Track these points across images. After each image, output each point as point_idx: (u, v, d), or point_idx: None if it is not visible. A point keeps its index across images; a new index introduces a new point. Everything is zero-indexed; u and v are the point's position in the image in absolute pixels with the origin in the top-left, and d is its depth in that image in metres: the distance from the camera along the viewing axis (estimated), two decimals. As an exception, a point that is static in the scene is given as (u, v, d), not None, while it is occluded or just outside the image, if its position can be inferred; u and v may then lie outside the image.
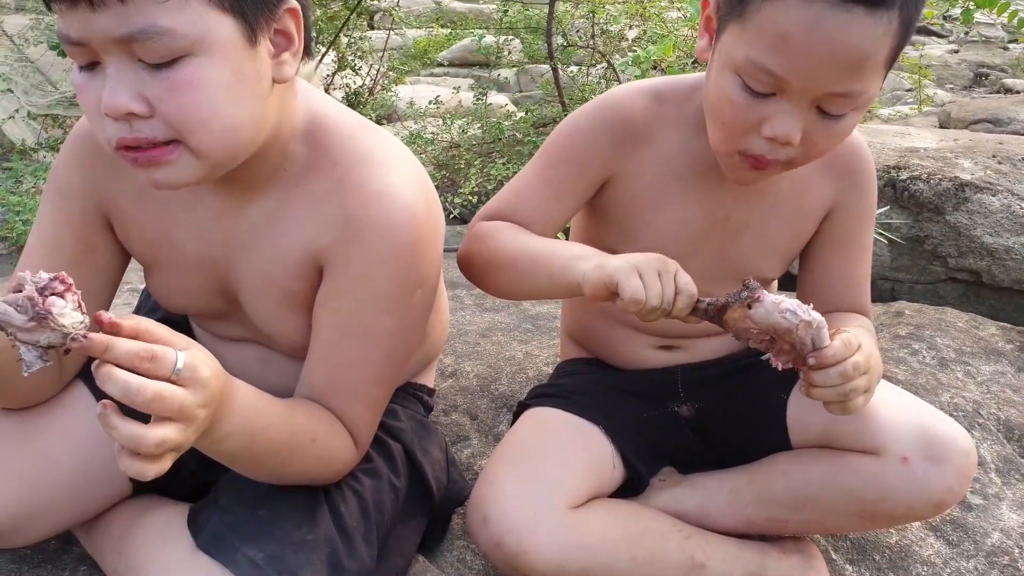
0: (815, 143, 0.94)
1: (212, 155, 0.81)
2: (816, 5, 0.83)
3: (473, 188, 3.53)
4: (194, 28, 0.75)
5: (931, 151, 2.96)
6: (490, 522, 0.99)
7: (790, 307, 0.86)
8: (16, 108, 4.08)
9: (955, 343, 1.80)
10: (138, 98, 0.75)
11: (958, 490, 1.02)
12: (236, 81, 0.79)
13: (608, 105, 1.11)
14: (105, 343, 0.66)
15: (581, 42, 4.17)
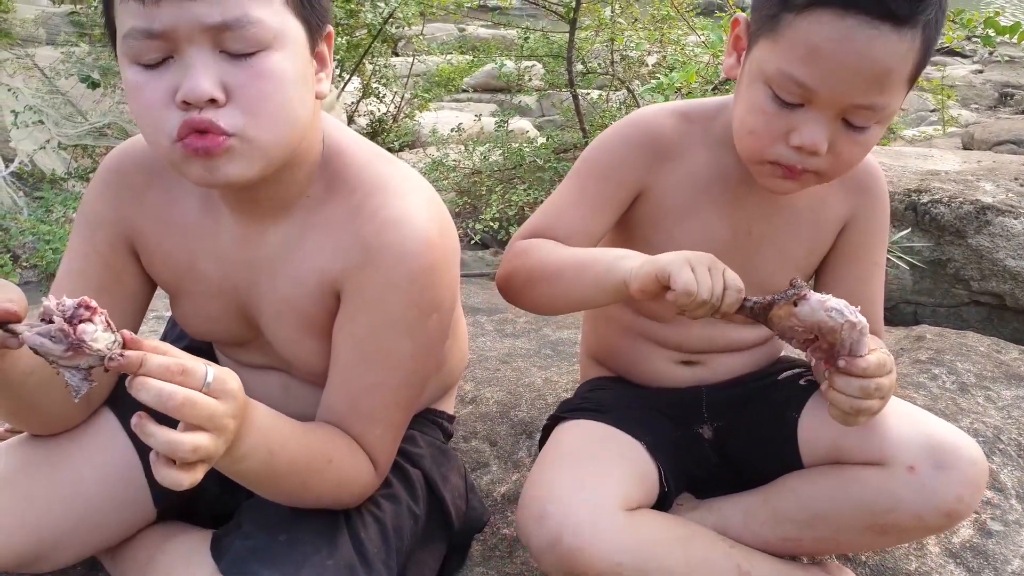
0: (840, 154, 0.98)
1: (268, 147, 0.84)
2: (847, 21, 0.89)
3: (494, 214, 3.56)
4: (277, 23, 0.82)
5: (952, 174, 2.94)
6: (549, 519, 0.99)
7: (836, 306, 0.88)
8: (47, 139, 4.18)
9: (976, 368, 1.79)
10: (220, 85, 0.80)
11: (968, 500, 1.02)
12: (302, 80, 0.86)
13: (637, 123, 1.16)
14: (140, 359, 0.70)
15: (601, 69, 4.20)
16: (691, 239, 1.14)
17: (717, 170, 1.13)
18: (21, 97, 4.11)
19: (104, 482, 1.03)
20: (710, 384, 1.25)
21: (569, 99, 4.04)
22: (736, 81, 1.05)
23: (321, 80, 0.91)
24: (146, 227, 1.02)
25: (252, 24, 0.79)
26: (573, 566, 0.98)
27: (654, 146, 1.13)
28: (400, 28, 4.75)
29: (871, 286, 1.21)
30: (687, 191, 1.14)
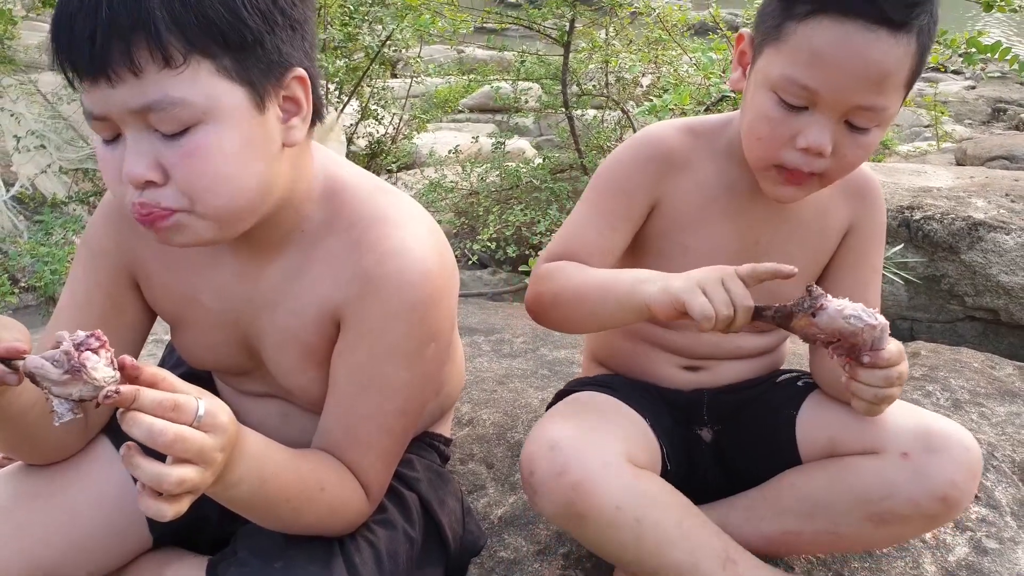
0: (844, 155, 1.04)
1: (219, 217, 0.85)
2: (846, 26, 0.96)
3: (491, 234, 3.58)
4: (205, 98, 0.80)
5: (945, 190, 2.97)
6: (559, 449, 1.02)
7: (854, 312, 0.91)
8: (48, 163, 4.22)
9: (969, 384, 1.80)
10: (155, 167, 0.81)
11: (962, 485, 1.05)
12: (245, 146, 0.84)
13: (646, 138, 1.20)
14: (133, 395, 0.71)
15: (596, 90, 4.24)
16: (701, 249, 1.19)
17: (724, 181, 1.18)
18: (24, 122, 4.15)
19: (100, 510, 1.04)
20: (712, 388, 1.28)
21: (565, 120, 4.07)
22: (742, 94, 1.11)
23: (293, 128, 0.89)
24: (147, 259, 1.03)
25: (174, 104, 0.78)
26: (575, 500, 1.00)
27: (664, 159, 1.18)
28: (398, 51, 4.79)
29: (870, 290, 1.25)
30: (696, 202, 1.18)
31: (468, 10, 4.23)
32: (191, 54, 0.78)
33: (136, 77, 0.77)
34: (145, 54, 0.76)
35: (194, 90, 0.79)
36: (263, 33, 0.82)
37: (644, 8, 3.67)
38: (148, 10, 0.75)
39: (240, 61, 0.81)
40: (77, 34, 0.76)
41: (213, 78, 0.80)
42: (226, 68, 0.81)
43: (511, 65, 4.50)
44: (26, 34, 4.78)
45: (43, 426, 0.96)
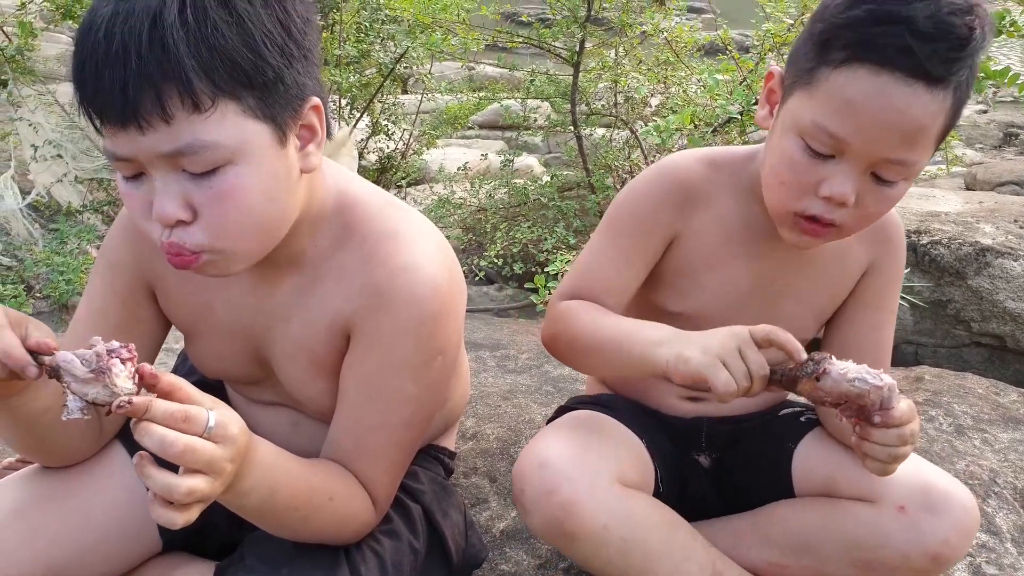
0: (867, 207, 1.01)
1: (246, 253, 0.89)
2: (882, 78, 0.92)
3: (498, 251, 3.61)
4: (233, 138, 0.81)
5: (953, 215, 2.98)
6: (548, 468, 1.03)
7: (858, 375, 0.90)
8: (64, 172, 4.27)
9: (973, 410, 1.81)
10: (185, 206, 0.82)
11: (956, 544, 1.04)
12: (271, 182, 0.86)
13: (665, 171, 1.18)
14: (145, 405, 0.73)
15: (604, 110, 4.27)
16: (716, 287, 1.17)
17: (744, 219, 1.16)
18: (41, 131, 4.20)
19: (113, 514, 1.06)
20: (712, 417, 1.28)
21: (573, 139, 4.10)
22: (768, 132, 1.08)
23: (309, 155, 0.91)
24: (164, 271, 1.06)
25: (204, 148, 0.80)
26: (563, 519, 1.01)
27: (683, 193, 1.15)
28: (409, 67, 4.84)
29: (883, 333, 1.23)
30: (715, 239, 1.16)
31: (479, 29, 4.27)
32: (218, 97, 0.79)
33: (167, 124, 0.78)
34: (176, 101, 0.78)
35: (223, 132, 0.80)
36: (282, 68, 0.84)
37: (653, 29, 3.71)
38: (177, 58, 0.76)
39: (263, 99, 0.83)
40: (107, 84, 0.76)
41: (240, 118, 0.82)
42: (251, 107, 0.82)
43: (521, 83, 4.53)
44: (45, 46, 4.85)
45: (57, 430, 0.98)
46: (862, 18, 0.93)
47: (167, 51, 0.76)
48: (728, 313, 1.16)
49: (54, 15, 4.20)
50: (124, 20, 0.76)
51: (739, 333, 0.95)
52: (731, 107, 2.81)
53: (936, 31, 0.90)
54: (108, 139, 0.81)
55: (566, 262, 2.72)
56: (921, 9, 0.90)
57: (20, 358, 0.78)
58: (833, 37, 0.95)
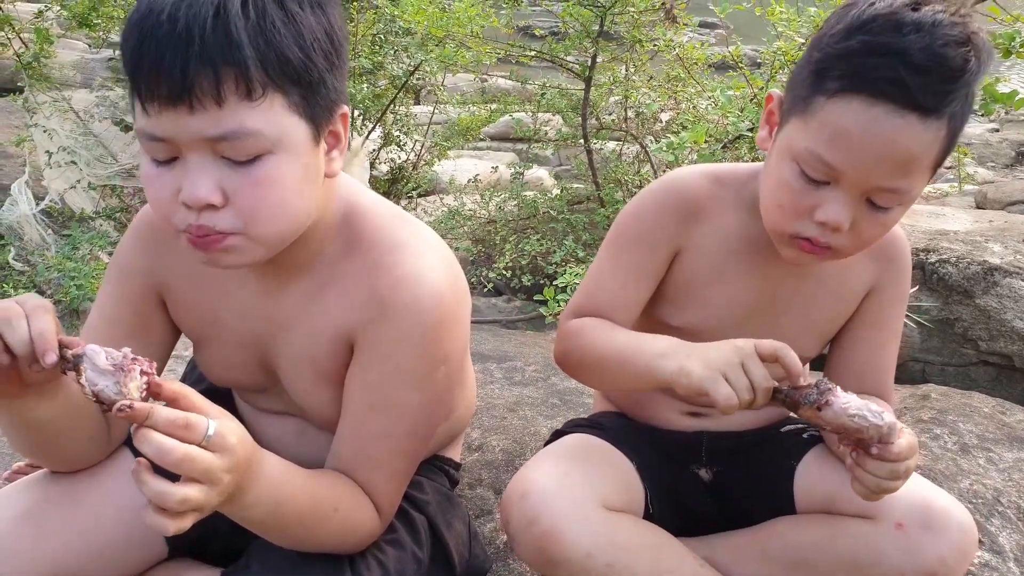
0: (862, 232, 1.02)
1: (269, 241, 0.90)
2: (876, 109, 0.93)
3: (507, 263, 3.62)
4: (276, 129, 0.85)
5: (961, 234, 2.98)
6: (530, 498, 1.04)
7: (858, 412, 0.90)
8: (78, 179, 4.30)
9: (978, 429, 1.81)
10: (217, 190, 0.85)
11: (952, 564, 1.04)
12: (304, 177, 0.89)
13: (669, 186, 1.19)
14: (147, 411, 0.75)
15: (614, 124, 4.29)
16: (718, 303, 1.19)
17: (746, 235, 1.17)
18: (56, 138, 4.24)
19: (120, 519, 1.07)
20: (712, 432, 1.28)
21: (584, 152, 4.12)
22: (767, 153, 1.10)
23: (333, 160, 0.94)
24: (174, 279, 1.07)
25: (249, 135, 0.83)
26: (546, 548, 1.02)
27: (687, 208, 1.17)
28: (422, 79, 4.87)
29: (886, 353, 1.24)
30: (717, 254, 1.18)
31: (492, 42, 4.30)
32: (269, 88, 0.83)
33: (218, 107, 0.81)
34: (231, 85, 0.81)
35: (268, 122, 0.84)
36: (325, 72, 0.88)
37: (665, 45, 3.72)
38: (238, 45, 0.80)
39: (306, 97, 0.87)
40: (167, 63, 0.79)
41: (284, 112, 0.85)
42: (295, 103, 0.86)
43: (533, 96, 4.56)
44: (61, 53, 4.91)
45: (62, 437, 1.00)
46: (856, 49, 0.94)
47: (229, 37, 0.80)
48: (729, 328, 1.17)
49: (70, 23, 4.25)
50: (189, 6, 0.80)
51: (743, 347, 0.96)
52: (741, 124, 2.82)
53: (930, 63, 0.91)
54: (151, 119, 0.83)
55: (575, 275, 2.73)
56: (915, 41, 0.91)
57: (50, 342, 0.80)
58: (828, 67, 0.96)
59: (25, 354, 0.81)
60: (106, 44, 4.58)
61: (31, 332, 0.80)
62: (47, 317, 0.81)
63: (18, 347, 0.80)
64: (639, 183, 4.04)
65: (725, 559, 1.18)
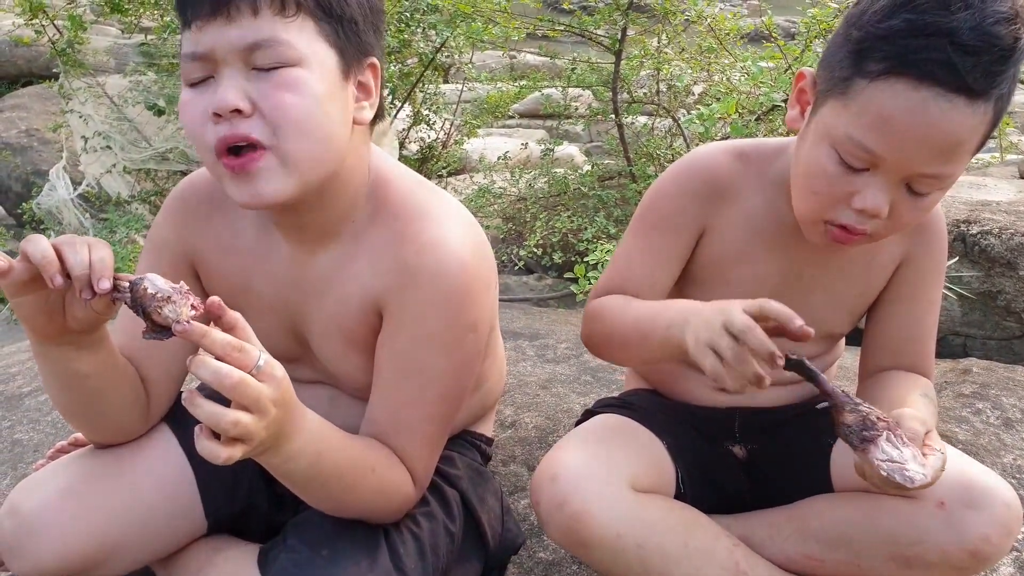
0: (900, 217, 0.99)
1: (299, 163, 0.91)
2: (922, 92, 0.89)
3: (538, 240, 3.61)
4: (306, 47, 0.90)
5: (1004, 204, 2.90)
6: (559, 480, 1.04)
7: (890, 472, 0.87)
8: (113, 163, 4.36)
9: (1022, 403, 1.77)
10: (244, 97, 0.88)
11: (997, 542, 1.01)
12: (329, 98, 0.92)
13: (693, 166, 1.17)
14: (204, 331, 0.78)
15: (646, 98, 4.24)
16: (743, 282, 1.17)
17: (772, 214, 1.14)
18: (91, 123, 4.30)
19: (161, 493, 1.09)
20: (746, 408, 1.27)
21: (615, 127, 4.08)
22: (798, 134, 1.06)
23: (363, 108, 0.97)
24: (207, 250, 1.09)
25: (279, 44, 0.88)
26: (576, 529, 1.02)
27: (712, 188, 1.15)
28: (450, 56, 4.85)
29: (924, 326, 1.21)
30: (742, 234, 1.15)
31: (521, 17, 4.26)
32: (302, 10, 0.89)
33: (254, 17, 0.87)
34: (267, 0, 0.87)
35: (298, 37, 0.89)
36: (357, 14, 0.93)
37: (696, 16, 3.66)
38: None
39: (337, 31, 0.92)
40: None
41: (315, 36, 0.91)
42: (326, 33, 0.91)
43: (563, 71, 4.51)
44: (95, 39, 4.96)
45: (103, 396, 1.02)
46: (901, 29, 0.90)
47: None
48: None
49: (103, 8, 4.29)
50: None
51: (726, 310, 0.90)
52: (775, 95, 2.77)
53: (980, 44, 0.87)
54: (193, 35, 0.89)
55: (606, 251, 2.71)
56: (965, 20, 0.87)
57: (108, 268, 0.83)
58: (870, 47, 0.92)
59: (82, 275, 0.82)
60: (138, 29, 4.62)
61: (91, 257, 0.83)
62: (107, 249, 0.85)
63: (76, 268, 0.82)
64: (671, 157, 3.99)
65: (762, 537, 1.17)
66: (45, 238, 0.83)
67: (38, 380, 2.03)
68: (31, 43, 4.56)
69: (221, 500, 1.13)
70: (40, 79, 6.39)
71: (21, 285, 0.85)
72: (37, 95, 6.30)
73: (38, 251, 0.82)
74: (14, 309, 0.88)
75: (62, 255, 0.83)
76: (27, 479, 1.08)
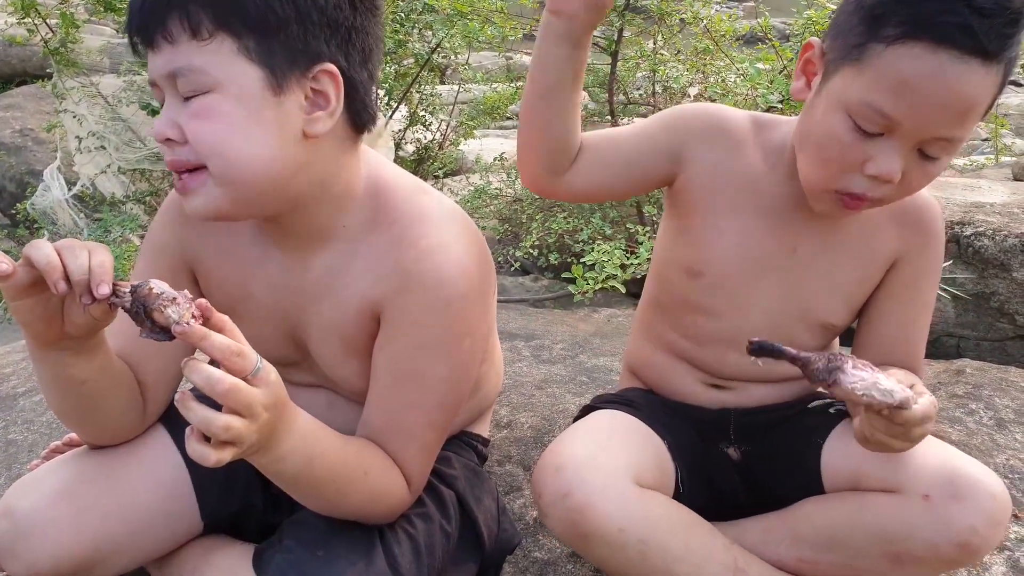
0: (910, 182, 1.01)
1: (232, 184, 0.92)
2: (939, 55, 0.91)
3: (534, 241, 3.60)
4: (221, 71, 0.88)
5: (998, 206, 2.91)
6: (562, 472, 1.04)
7: (866, 390, 0.87)
8: (108, 163, 4.35)
9: (1015, 403, 1.78)
10: (174, 125, 0.90)
11: (984, 533, 1.01)
12: (251, 121, 0.90)
13: (711, 106, 1.21)
14: (204, 333, 0.78)
15: (642, 99, 4.24)
16: (734, 238, 1.17)
17: (770, 182, 1.15)
18: (85, 124, 4.29)
19: (156, 494, 1.09)
20: (738, 408, 1.27)
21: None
22: (804, 104, 1.07)
23: (317, 119, 0.93)
24: (204, 254, 1.09)
25: (193, 71, 0.88)
26: (579, 522, 1.02)
27: (719, 126, 1.17)
28: (446, 57, 4.84)
29: (917, 326, 1.21)
30: (737, 184, 1.16)
31: (517, 17, 4.26)
32: (217, 31, 0.87)
33: (172, 45, 0.88)
34: (177, 25, 0.87)
35: (213, 62, 0.88)
36: (289, 22, 0.89)
37: (692, 17, 3.66)
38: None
39: (262, 44, 0.89)
40: (134, 7, 0.89)
41: (233, 57, 0.88)
42: (248, 49, 0.89)
43: (559, 73, 4.50)
44: (88, 38, 4.94)
45: (99, 399, 1.02)
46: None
47: None
48: (747, 277, 1.16)
49: (96, 7, 4.28)
50: None
51: None
52: (771, 96, 2.78)
53: (995, 6, 0.89)
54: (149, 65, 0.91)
55: (602, 252, 2.71)
56: None
57: (108, 273, 0.83)
58: (886, 11, 0.94)
59: (81, 281, 0.82)
60: (133, 28, 4.60)
61: (91, 262, 0.83)
62: (107, 254, 0.85)
63: (76, 273, 0.82)
64: (666, 159, 3.98)
65: (754, 541, 1.17)
66: (49, 243, 0.83)
67: (33, 380, 2.02)
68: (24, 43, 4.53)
69: (217, 500, 1.13)
70: (34, 79, 6.37)
71: (22, 289, 0.84)
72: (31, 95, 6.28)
73: (43, 256, 0.82)
74: (13, 313, 0.87)
75: (63, 259, 0.82)
76: (21, 480, 1.08)
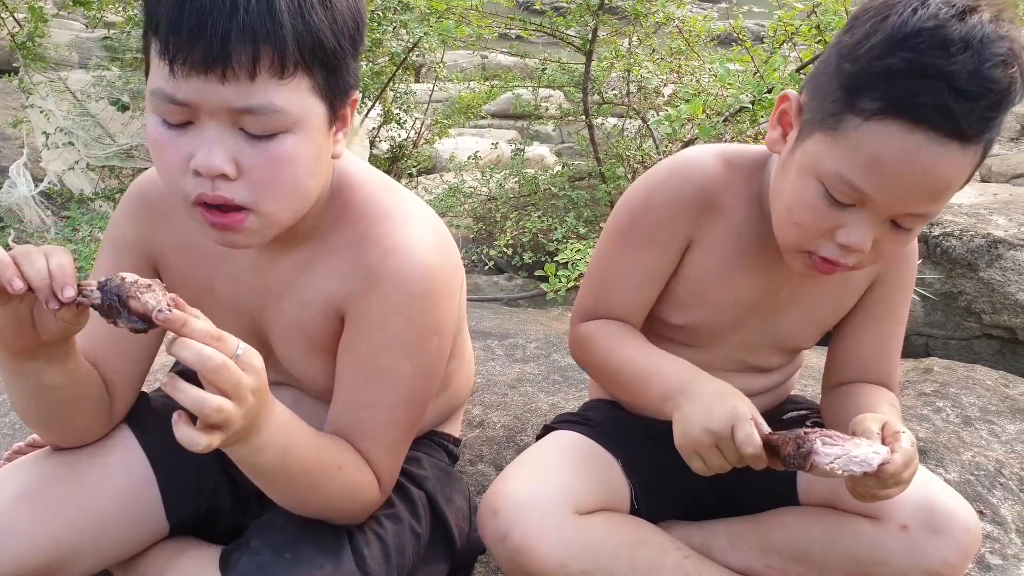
0: (881, 251, 0.99)
1: (279, 221, 0.91)
2: (916, 136, 0.87)
3: (509, 240, 3.61)
4: (298, 109, 0.85)
5: (966, 207, 2.96)
6: (499, 514, 1.04)
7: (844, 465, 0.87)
8: (76, 160, 4.29)
9: (980, 401, 1.80)
10: (231, 161, 0.84)
11: (956, 564, 1.03)
12: (317, 158, 0.90)
13: (684, 174, 1.12)
14: (184, 319, 0.77)
15: (616, 99, 4.25)
16: (720, 300, 1.16)
17: (755, 229, 1.12)
18: (53, 119, 4.22)
19: (121, 496, 1.07)
20: None
21: (586, 128, 4.09)
22: (780, 159, 1.04)
23: (339, 141, 0.94)
24: (168, 250, 1.07)
25: (275, 112, 0.83)
26: (520, 562, 1.02)
27: (701, 197, 1.11)
28: (421, 56, 4.82)
29: (890, 344, 1.22)
30: (728, 250, 1.13)
31: (493, 16, 4.26)
32: (299, 69, 0.83)
33: (251, 81, 0.81)
34: (267, 62, 0.81)
35: (292, 101, 0.84)
36: (348, 57, 0.89)
37: (664, 18, 3.68)
38: (280, 23, 0.80)
39: (329, 81, 0.88)
40: (208, 30, 0.78)
41: (308, 93, 0.86)
42: (319, 85, 0.87)
43: (534, 71, 4.52)
44: (56, 32, 4.87)
45: (68, 405, 1.00)
46: (899, 69, 0.87)
47: (272, 14, 0.80)
48: (729, 324, 1.17)
49: (65, 1, 4.21)
50: None
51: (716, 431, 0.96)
52: (743, 96, 2.79)
53: (978, 89, 0.85)
54: (176, 81, 0.81)
55: (576, 251, 2.71)
56: (963, 64, 0.85)
57: (69, 275, 0.79)
58: (865, 84, 0.90)
59: (42, 286, 0.79)
60: (102, 23, 4.55)
61: (50, 266, 0.79)
62: (66, 255, 0.81)
63: (36, 279, 0.78)
64: (641, 158, 4.01)
65: (723, 545, 1.17)
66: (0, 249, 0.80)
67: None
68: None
69: (183, 502, 1.11)
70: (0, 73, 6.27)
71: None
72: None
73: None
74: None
75: (19, 267, 0.79)
76: (-18, 481, 1.06)
